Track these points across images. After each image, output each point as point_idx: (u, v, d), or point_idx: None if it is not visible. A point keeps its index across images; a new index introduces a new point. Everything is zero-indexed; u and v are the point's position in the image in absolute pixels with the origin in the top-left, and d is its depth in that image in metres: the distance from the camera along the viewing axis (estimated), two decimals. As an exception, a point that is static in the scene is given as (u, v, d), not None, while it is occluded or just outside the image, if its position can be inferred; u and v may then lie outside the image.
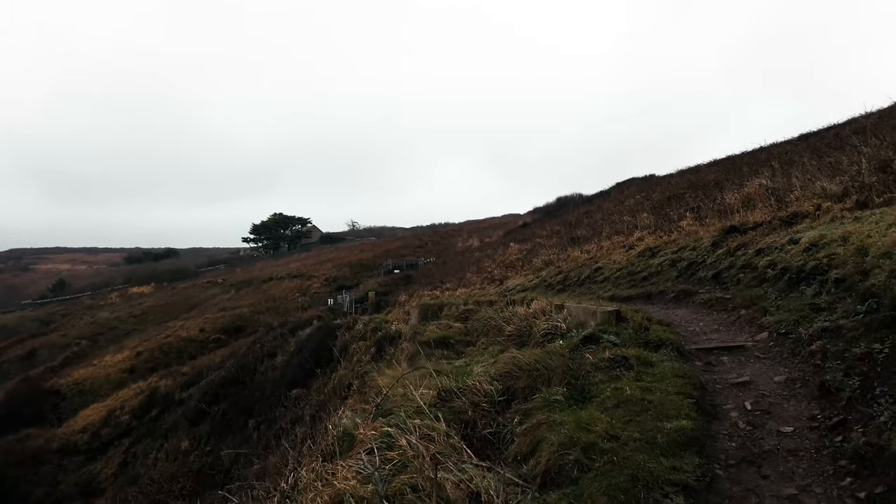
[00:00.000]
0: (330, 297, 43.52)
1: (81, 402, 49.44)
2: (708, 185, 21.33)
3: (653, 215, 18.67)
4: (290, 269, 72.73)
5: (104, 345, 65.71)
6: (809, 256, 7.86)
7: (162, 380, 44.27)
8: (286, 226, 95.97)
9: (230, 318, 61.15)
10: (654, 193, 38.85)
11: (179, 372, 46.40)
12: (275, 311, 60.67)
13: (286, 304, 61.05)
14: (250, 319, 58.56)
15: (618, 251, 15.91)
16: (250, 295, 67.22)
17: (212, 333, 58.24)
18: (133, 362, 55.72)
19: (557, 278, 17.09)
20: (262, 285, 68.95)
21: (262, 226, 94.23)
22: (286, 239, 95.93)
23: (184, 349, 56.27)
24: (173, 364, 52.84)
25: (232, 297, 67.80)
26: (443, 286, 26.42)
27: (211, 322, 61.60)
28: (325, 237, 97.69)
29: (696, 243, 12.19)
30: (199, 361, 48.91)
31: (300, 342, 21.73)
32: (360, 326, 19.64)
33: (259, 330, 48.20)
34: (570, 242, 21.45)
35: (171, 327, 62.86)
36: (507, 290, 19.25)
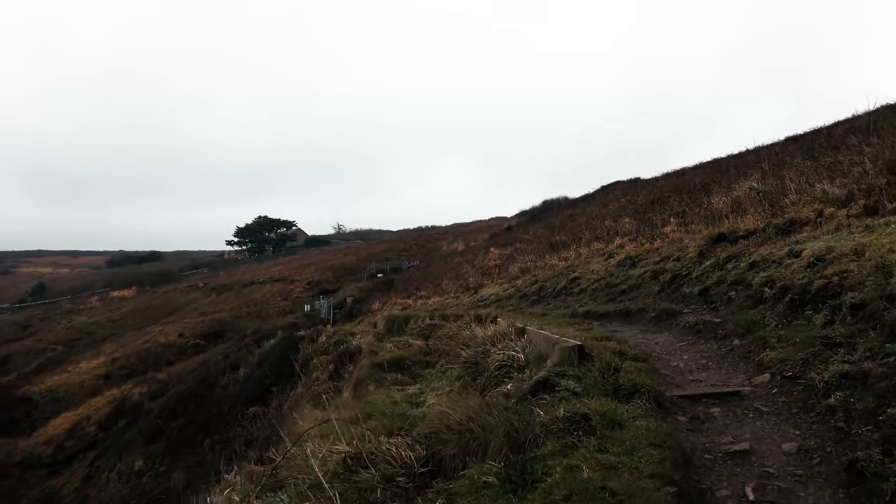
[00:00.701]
0: (307, 304, 41.88)
1: (54, 409, 47.57)
2: (694, 189, 19.99)
3: (635, 220, 17.30)
4: (272, 272, 70.99)
5: (81, 350, 63.70)
6: (815, 273, 6.47)
7: (136, 387, 42.50)
8: (271, 229, 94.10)
9: (210, 323, 59.38)
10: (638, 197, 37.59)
11: (155, 379, 44.64)
12: (255, 315, 59.00)
13: (267, 309, 59.39)
14: (230, 324, 56.78)
15: (596, 259, 14.50)
16: (231, 299, 65.44)
17: (191, 339, 56.47)
18: (108, 369, 53.85)
19: (533, 288, 15.67)
20: (244, 289, 67.17)
21: (246, 229, 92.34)
22: (271, 242, 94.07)
23: (162, 355, 54.48)
24: (150, 370, 51.03)
25: (213, 302, 65.97)
26: (418, 293, 24.95)
27: (190, 327, 59.82)
28: (311, 240, 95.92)
29: (681, 253, 10.79)
30: (176, 368, 47.18)
31: (263, 354, 20.19)
32: (324, 339, 18.13)
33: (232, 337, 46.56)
34: (548, 249, 20.04)
35: (150, 332, 61.02)
36: (479, 301, 17.82)
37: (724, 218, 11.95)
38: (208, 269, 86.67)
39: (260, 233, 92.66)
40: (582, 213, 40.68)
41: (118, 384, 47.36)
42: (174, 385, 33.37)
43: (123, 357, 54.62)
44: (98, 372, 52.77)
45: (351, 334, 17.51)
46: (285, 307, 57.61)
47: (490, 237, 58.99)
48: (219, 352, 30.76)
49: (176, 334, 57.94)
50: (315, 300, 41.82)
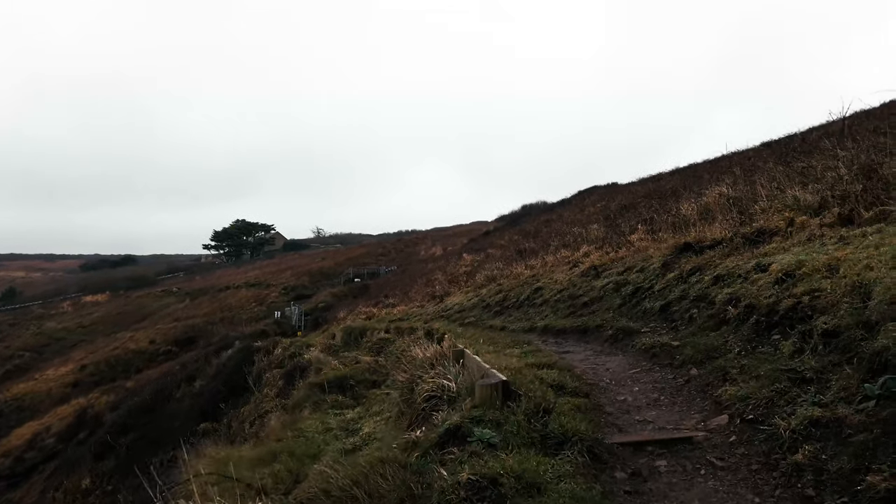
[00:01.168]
0: (277, 311, 40.73)
1: (20, 418, 45.94)
2: (665, 195, 19.30)
3: (604, 227, 16.53)
4: (248, 277, 69.66)
5: (49, 357, 61.94)
6: (784, 291, 5.66)
7: (103, 396, 41.04)
8: (249, 232, 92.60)
9: (182, 329, 57.97)
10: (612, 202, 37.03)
11: (123, 387, 43.25)
12: (229, 321, 57.66)
13: (241, 315, 58.09)
14: (204, 330, 55.31)
15: (562, 269, 13.69)
16: (206, 304, 63.99)
17: (162, 345, 55.06)
18: (77, 376, 52.26)
19: (496, 298, 14.82)
20: (219, 294, 65.72)
21: (223, 233, 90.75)
22: (249, 246, 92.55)
23: (132, 362, 52.98)
24: (119, 378, 49.56)
25: (186, 307, 64.45)
26: (386, 301, 24.02)
27: (162, 333, 58.37)
28: (289, 244, 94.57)
29: (645, 263, 9.99)
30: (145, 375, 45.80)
31: (219, 366, 19.14)
32: (279, 351, 17.13)
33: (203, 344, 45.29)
34: (516, 256, 19.22)
35: (121, 339, 59.44)
36: (444, 310, 16.96)
37: (691, 226, 11.19)
38: (185, 273, 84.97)
39: (237, 237, 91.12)
40: (558, 219, 40.04)
41: (86, 392, 45.85)
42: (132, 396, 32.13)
43: (92, 364, 53.06)
44: (66, 379, 51.18)
45: (308, 346, 16.52)
46: (260, 312, 56.41)
47: (468, 242, 58.20)
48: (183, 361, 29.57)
49: (147, 340, 56.46)
50: (286, 307, 40.67)
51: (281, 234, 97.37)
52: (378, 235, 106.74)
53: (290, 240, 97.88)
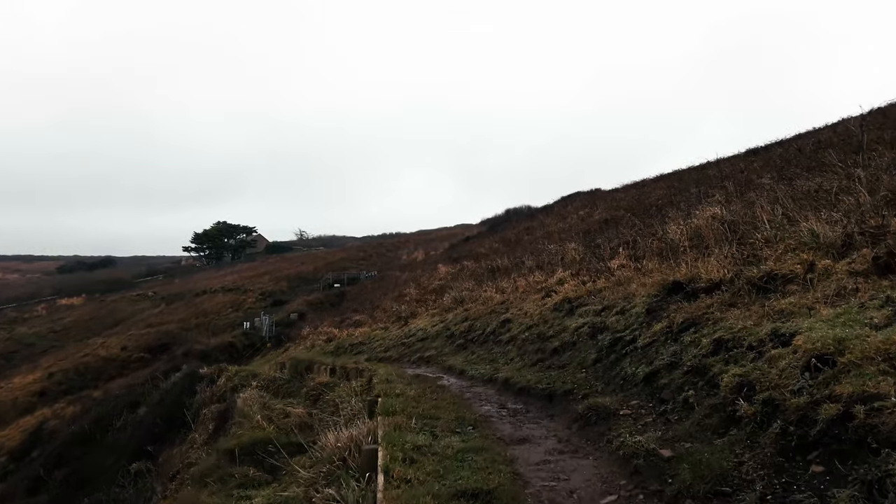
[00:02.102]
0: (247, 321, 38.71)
1: None
2: (649, 209, 17.57)
3: (582, 246, 14.74)
4: (225, 281, 67.35)
5: (18, 363, 59.30)
6: (821, 388, 3.90)
7: (69, 406, 38.76)
8: (230, 235, 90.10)
9: (156, 336, 55.64)
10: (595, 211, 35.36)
11: (90, 397, 40.99)
12: (205, 327, 55.47)
13: (217, 321, 55.92)
14: (178, 336, 53.05)
15: (533, 297, 11.88)
16: (181, 309, 61.64)
17: (135, 352, 52.67)
18: (45, 384, 49.76)
19: (461, 327, 12.99)
20: (195, 299, 63.37)
21: (204, 235, 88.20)
22: (230, 248, 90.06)
23: (102, 370, 50.57)
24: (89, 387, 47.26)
25: (161, 312, 62.07)
26: (352, 318, 22.14)
27: (135, 339, 55.96)
28: (272, 247, 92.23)
29: (627, 303, 8.20)
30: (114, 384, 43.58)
31: (162, 394, 17.17)
32: (223, 381, 15.19)
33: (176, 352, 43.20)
34: (488, 274, 17.41)
35: (92, 345, 56.98)
36: (406, 336, 15.11)
37: (681, 255, 9.42)
38: (164, 275, 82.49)
39: (218, 239, 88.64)
40: (539, 226, 38.34)
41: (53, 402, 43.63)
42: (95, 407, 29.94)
43: (61, 372, 50.60)
44: (33, 388, 48.72)
45: (253, 376, 14.61)
46: (236, 318, 54.32)
47: (448, 247, 56.38)
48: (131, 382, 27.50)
49: (119, 347, 54.04)
50: (256, 317, 38.62)
51: (263, 237, 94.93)
52: (362, 238, 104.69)
53: (273, 242, 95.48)
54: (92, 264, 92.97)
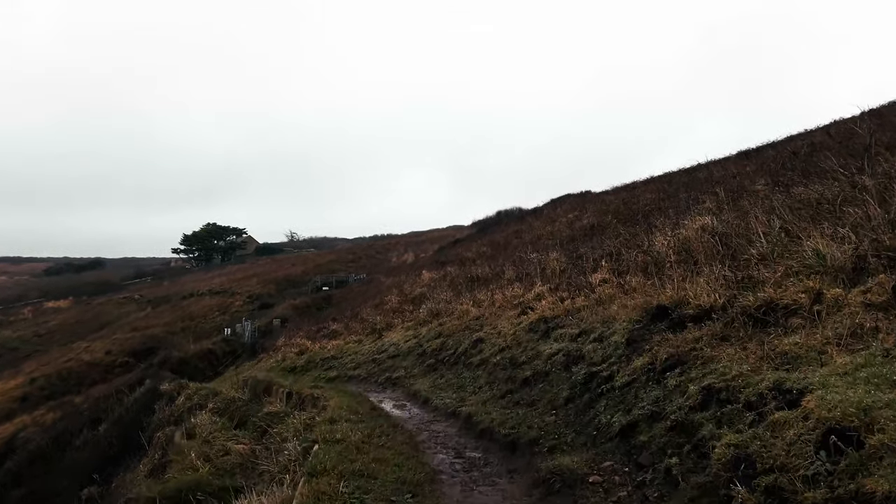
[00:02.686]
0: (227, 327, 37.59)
1: None
2: (636, 215, 16.59)
3: (564, 255, 13.72)
4: (213, 284, 66.08)
5: (1, 368, 57.99)
6: (845, 480, 2.91)
7: (50, 412, 37.52)
8: (220, 236, 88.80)
9: (140, 340, 54.40)
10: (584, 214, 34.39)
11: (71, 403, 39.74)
12: (191, 331, 54.32)
13: (203, 324, 54.79)
14: (163, 340, 51.84)
15: (509, 314, 10.85)
16: (167, 313, 60.41)
17: (119, 356, 51.41)
18: (26, 390, 48.42)
19: (434, 344, 11.96)
20: (182, 302, 62.15)
21: (193, 236, 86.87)
22: (219, 250, 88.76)
23: (86, 375, 49.26)
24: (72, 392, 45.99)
25: (147, 316, 60.80)
26: (329, 328, 21.08)
27: (119, 343, 54.68)
28: (262, 248, 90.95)
29: (606, 329, 7.19)
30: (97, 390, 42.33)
31: (122, 412, 16.07)
32: (182, 401, 14.10)
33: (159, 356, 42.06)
34: (467, 284, 16.37)
35: (76, 349, 55.67)
36: (378, 351, 14.09)
37: (667, 270, 8.42)
38: (152, 277, 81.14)
39: (208, 240, 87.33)
40: (528, 229, 37.38)
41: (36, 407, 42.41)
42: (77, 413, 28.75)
43: (44, 377, 49.29)
44: (14, 393, 47.42)
45: (214, 394, 13.52)
46: (222, 322, 53.18)
47: (437, 250, 55.36)
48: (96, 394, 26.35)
49: (103, 352, 52.78)
50: (238, 323, 37.49)
51: (253, 238, 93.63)
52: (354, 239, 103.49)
53: (263, 244, 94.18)
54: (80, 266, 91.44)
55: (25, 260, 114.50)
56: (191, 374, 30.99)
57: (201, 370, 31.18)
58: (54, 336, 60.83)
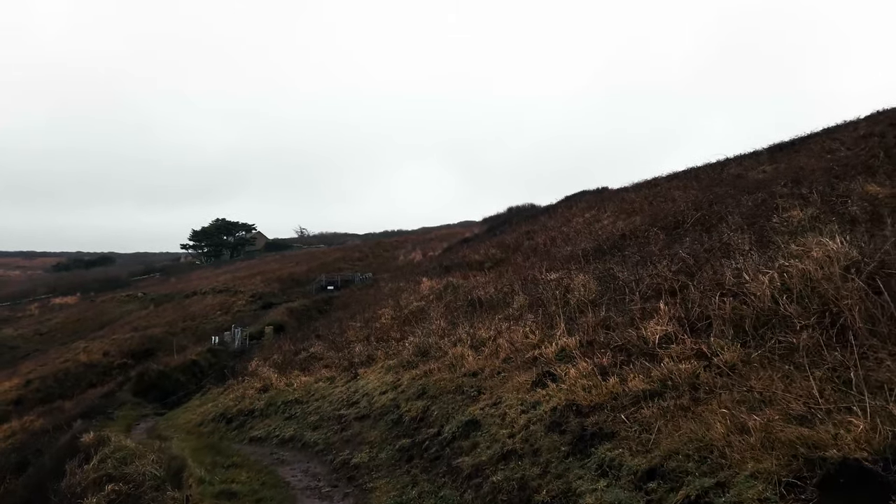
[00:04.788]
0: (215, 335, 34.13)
1: None
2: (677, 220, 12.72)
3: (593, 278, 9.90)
4: (218, 282, 62.89)
5: (-1, 367, 55.16)
6: None
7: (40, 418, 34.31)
8: (229, 232, 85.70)
9: (140, 340, 51.18)
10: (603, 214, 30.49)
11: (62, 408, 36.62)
12: (191, 331, 51.16)
13: (204, 325, 51.57)
14: (163, 341, 48.58)
15: (518, 378, 7.10)
16: (169, 312, 57.29)
17: (117, 358, 48.20)
18: (21, 392, 45.25)
19: (415, 409, 8.27)
20: (184, 301, 59.00)
21: (202, 232, 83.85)
22: (229, 246, 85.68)
23: (82, 376, 46.04)
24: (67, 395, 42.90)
25: (149, 314, 57.70)
26: (308, 350, 17.47)
27: (118, 344, 51.49)
28: (271, 244, 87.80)
29: (709, 477, 3.50)
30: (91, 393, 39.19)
31: (34, 471, 12.57)
32: (93, 464, 10.52)
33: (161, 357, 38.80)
34: (467, 309, 12.58)
35: (74, 349, 52.60)
36: (349, 400, 10.43)
37: (799, 342, 4.67)
38: (160, 273, 78.15)
39: (217, 236, 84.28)
40: (541, 229, 33.54)
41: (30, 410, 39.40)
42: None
43: (39, 379, 46.18)
44: (9, 396, 44.33)
45: (133, 458, 9.97)
46: (224, 322, 49.93)
47: (445, 250, 51.67)
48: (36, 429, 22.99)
49: (101, 352, 49.61)
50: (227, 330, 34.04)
51: (262, 234, 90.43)
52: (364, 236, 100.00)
53: (272, 239, 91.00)
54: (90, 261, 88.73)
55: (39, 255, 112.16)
56: (172, 388, 27.58)
57: (183, 384, 27.75)
58: (55, 335, 57.99)
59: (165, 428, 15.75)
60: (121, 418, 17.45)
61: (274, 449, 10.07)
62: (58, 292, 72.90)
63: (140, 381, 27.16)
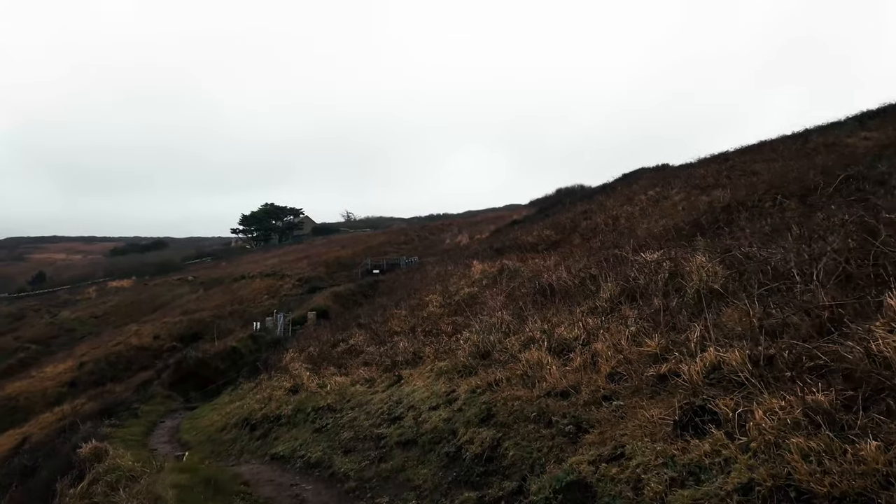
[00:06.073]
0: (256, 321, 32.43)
1: (12, 420, 39.10)
2: (790, 190, 9.76)
3: (715, 258, 7.15)
4: (266, 265, 61.93)
5: (57, 350, 55.44)
6: None
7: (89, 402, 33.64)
8: (277, 216, 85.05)
9: (188, 324, 50.57)
10: (671, 190, 27.22)
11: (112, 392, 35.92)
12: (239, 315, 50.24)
13: (252, 308, 50.60)
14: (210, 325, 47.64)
15: (645, 410, 4.52)
16: (218, 295, 56.55)
17: (167, 341, 47.68)
18: (75, 374, 45.19)
19: (480, 438, 5.80)
20: (233, 285, 58.16)
21: (251, 216, 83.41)
22: (277, 230, 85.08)
23: (134, 359, 45.68)
24: (118, 377, 42.44)
25: (198, 298, 57.12)
26: (347, 342, 15.22)
27: (168, 327, 51.02)
28: (318, 228, 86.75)
29: None
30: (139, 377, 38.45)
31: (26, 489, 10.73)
32: (84, 486, 8.46)
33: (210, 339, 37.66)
34: (535, 299, 9.97)
35: (126, 332, 52.42)
36: (387, 418, 8.02)
37: None
38: (211, 258, 78.05)
39: (266, 220, 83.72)
40: (599, 209, 30.46)
41: (82, 392, 39.03)
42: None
43: (92, 361, 46.02)
44: (63, 378, 44.35)
45: (128, 481, 7.87)
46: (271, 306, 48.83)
47: (493, 232, 48.93)
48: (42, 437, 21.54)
49: (151, 336, 49.23)
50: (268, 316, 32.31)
51: (310, 218, 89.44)
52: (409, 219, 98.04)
53: (320, 223, 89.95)
54: (145, 246, 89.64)
55: (99, 240, 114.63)
56: (211, 375, 26.02)
57: (222, 372, 26.14)
58: (109, 318, 58.05)
59: (188, 429, 13.78)
60: (145, 414, 15.68)
61: (295, 477, 7.76)
62: (114, 276, 73.63)
63: (178, 369, 25.63)
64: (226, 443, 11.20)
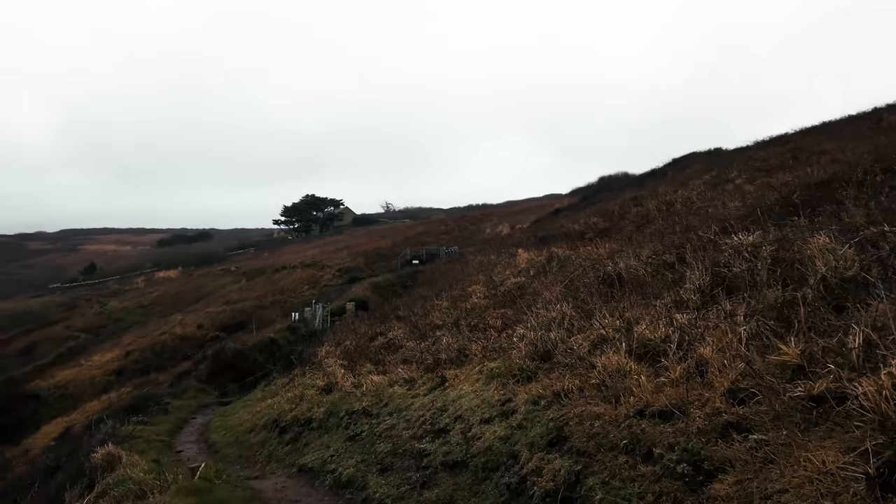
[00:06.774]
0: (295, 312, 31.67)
1: (61, 407, 39.72)
2: None
3: (841, 237, 5.63)
4: (306, 256, 61.65)
5: (105, 339, 56.26)
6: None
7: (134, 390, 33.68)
8: (318, 207, 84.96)
9: (231, 314, 50.57)
10: (729, 174, 25.13)
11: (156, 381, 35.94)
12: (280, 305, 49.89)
13: (293, 299, 50.18)
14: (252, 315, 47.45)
15: (803, 448, 3.16)
16: (259, 286, 56.45)
17: (210, 331, 47.64)
18: (122, 363, 45.67)
19: (549, 469, 4.47)
20: (274, 275, 58.01)
21: (293, 208, 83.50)
22: (318, 221, 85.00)
23: (178, 349, 45.80)
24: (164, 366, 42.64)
25: (241, 288, 57.17)
26: (386, 335, 14.03)
27: (211, 317, 51.10)
28: (358, 219, 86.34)
29: None
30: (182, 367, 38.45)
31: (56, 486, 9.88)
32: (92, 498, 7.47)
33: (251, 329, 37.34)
34: (600, 290, 8.47)
35: (171, 322, 52.77)
36: (432, 427, 6.69)
37: None
38: (254, 249, 78.43)
39: (306, 211, 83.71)
40: (650, 195, 28.47)
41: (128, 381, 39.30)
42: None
43: (138, 350, 46.43)
44: (111, 366, 44.83)
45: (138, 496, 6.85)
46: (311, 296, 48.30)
47: (535, 222, 47.24)
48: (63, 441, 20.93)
49: (195, 325, 49.36)
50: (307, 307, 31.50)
51: (350, 209, 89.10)
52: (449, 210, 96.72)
53: (360, 215, 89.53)
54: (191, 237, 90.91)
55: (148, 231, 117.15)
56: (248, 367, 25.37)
57: (260, 364, 25.44)
58: (155, 307, 58.68)
59: (217, 428, 12.83)
60: (176, 410, 14.86)
61: (324, 498, 6.55)
62: (161, 266, 74.68)
63: (216, 360, 25.03)
64: (253, 446, 10.13)
